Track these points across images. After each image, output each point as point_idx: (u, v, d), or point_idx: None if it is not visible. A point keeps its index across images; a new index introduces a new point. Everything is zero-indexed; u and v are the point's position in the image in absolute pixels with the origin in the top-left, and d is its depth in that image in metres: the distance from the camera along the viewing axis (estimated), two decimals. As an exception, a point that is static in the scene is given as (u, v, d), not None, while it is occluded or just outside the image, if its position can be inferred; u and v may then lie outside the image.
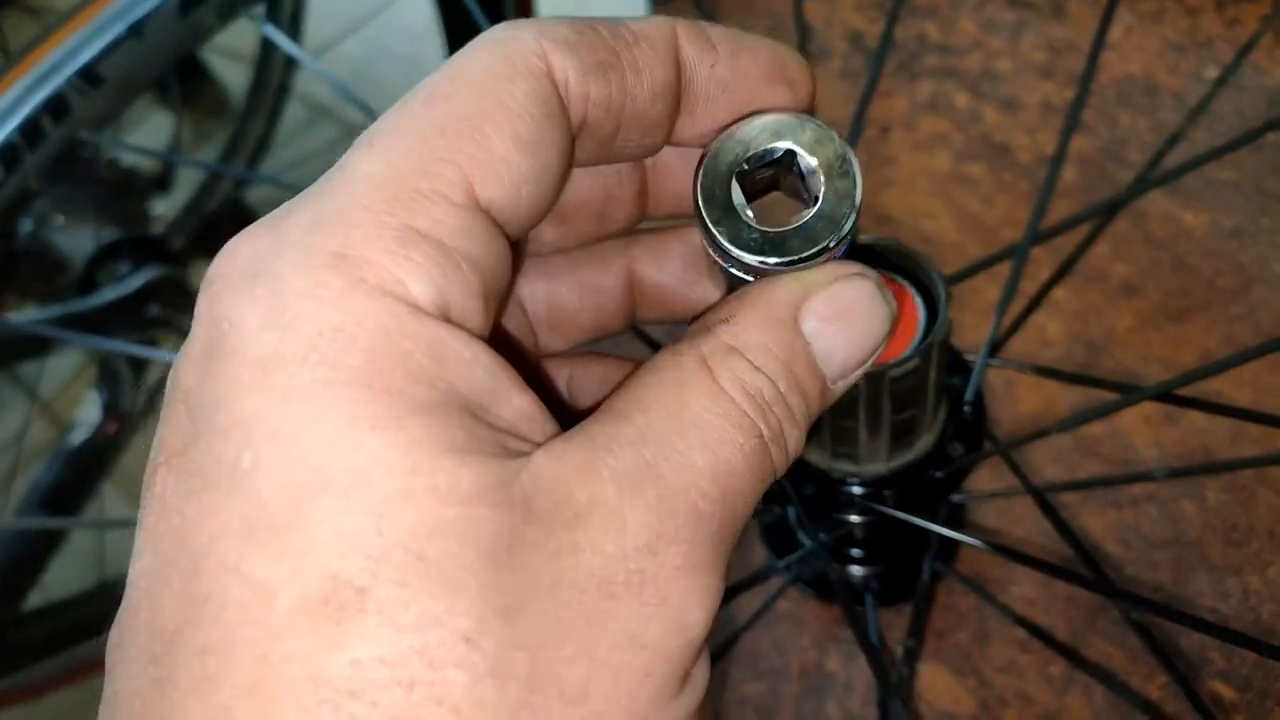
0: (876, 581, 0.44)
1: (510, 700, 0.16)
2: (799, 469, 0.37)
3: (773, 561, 0.43)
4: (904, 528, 0.38)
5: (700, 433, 0.19)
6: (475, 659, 0.16)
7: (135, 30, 0.58)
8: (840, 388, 0.23)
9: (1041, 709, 0.41)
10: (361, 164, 0.18)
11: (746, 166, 0.22)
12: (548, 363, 0.26)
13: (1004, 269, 0.40)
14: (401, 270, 0.17)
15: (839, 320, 0.22)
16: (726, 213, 0.22)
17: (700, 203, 0.22)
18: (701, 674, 0.19)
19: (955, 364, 0.39)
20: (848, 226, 0.22)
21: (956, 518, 0.44)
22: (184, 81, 1.12)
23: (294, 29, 1.06)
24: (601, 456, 0.18)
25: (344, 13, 1.38)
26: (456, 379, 0.18)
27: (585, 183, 0.24)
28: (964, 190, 0.51)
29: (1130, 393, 0.36)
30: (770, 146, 0.22)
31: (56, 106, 0.57)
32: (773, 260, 0.22)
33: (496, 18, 1.06)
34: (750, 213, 0.22)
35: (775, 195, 0.24)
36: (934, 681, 0.42)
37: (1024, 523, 0.44)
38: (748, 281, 0.22)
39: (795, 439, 0.21)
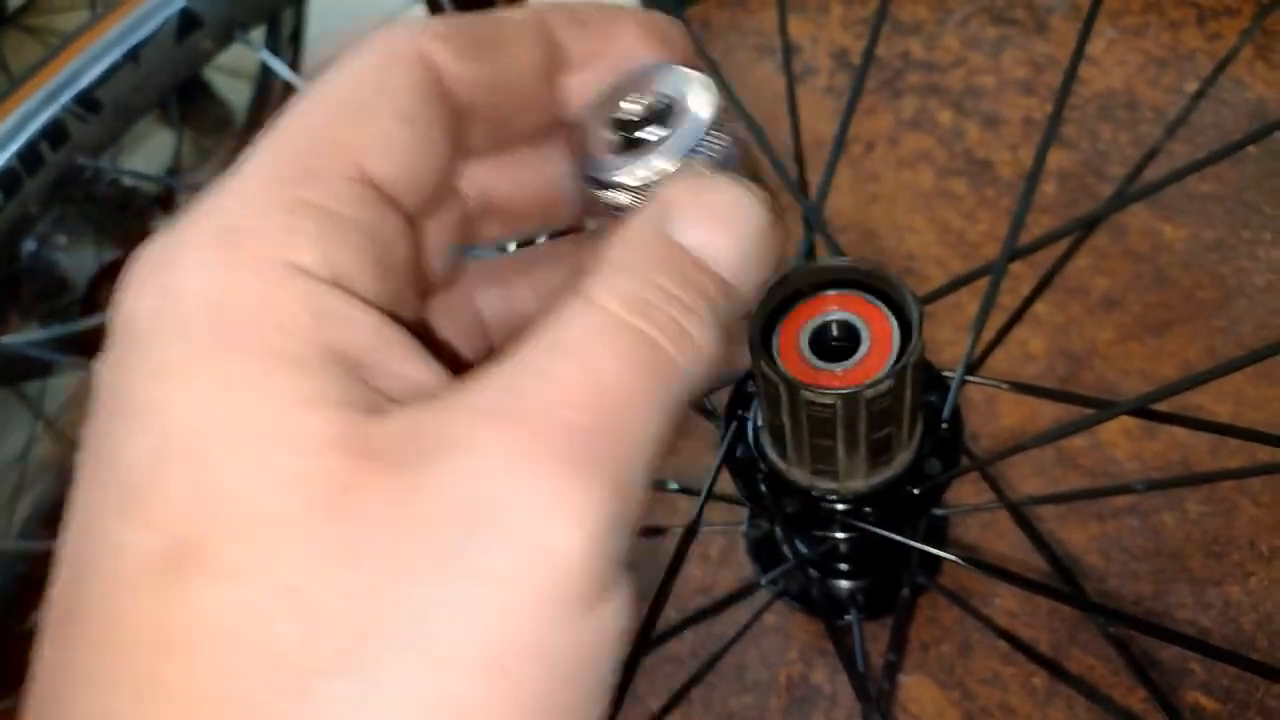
0: (862, 595, 0.44)
1: (344, 646, 0.16)
2: (781, 486, 0.37)
3: (759, 576, 0.44)
4: (886, 543, 0.38)
5: (569, 348, 0.18)
6: (300, 609, 0.16)
7: (132, 56, 0.59)
8: (747, 284, 0.21)
9: (1024, 721, 0.41)
10: (255, 156, 0.20)
11: (617, 106, 0.24)
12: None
13: (986, 285, 0.41)
14: (287, 236, 0.18)
15: (706, 222, 0.21)
16: (596, 146, 0.24)
17: (572, 143, 0.24)
18: (607, 611, 0.17)
19: (933, 381, 0.39)
20: (705, 138, 0.23)
21: (938, 533, 0.44)
22: (186, 100, 1.13)
23: (294, 46, 1.07)
24: (460, 395, 0.18)
25: (344, 27, 1.40)
26: (334, 336, 0.18)
27: (528, 186, 0.25)
28: (947, 206, 0.51)
29: (1106, 408, 0.37)
30: (636, 88, 0.24)
31: (55, 133, 0.57)
32: (637, 178, 0.23)
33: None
34: (618, 145, 0.24)
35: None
36: (919, 694, 0.42)
37: (1006, 536, 0.44)
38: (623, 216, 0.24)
39: (702, 334, 0.20)
